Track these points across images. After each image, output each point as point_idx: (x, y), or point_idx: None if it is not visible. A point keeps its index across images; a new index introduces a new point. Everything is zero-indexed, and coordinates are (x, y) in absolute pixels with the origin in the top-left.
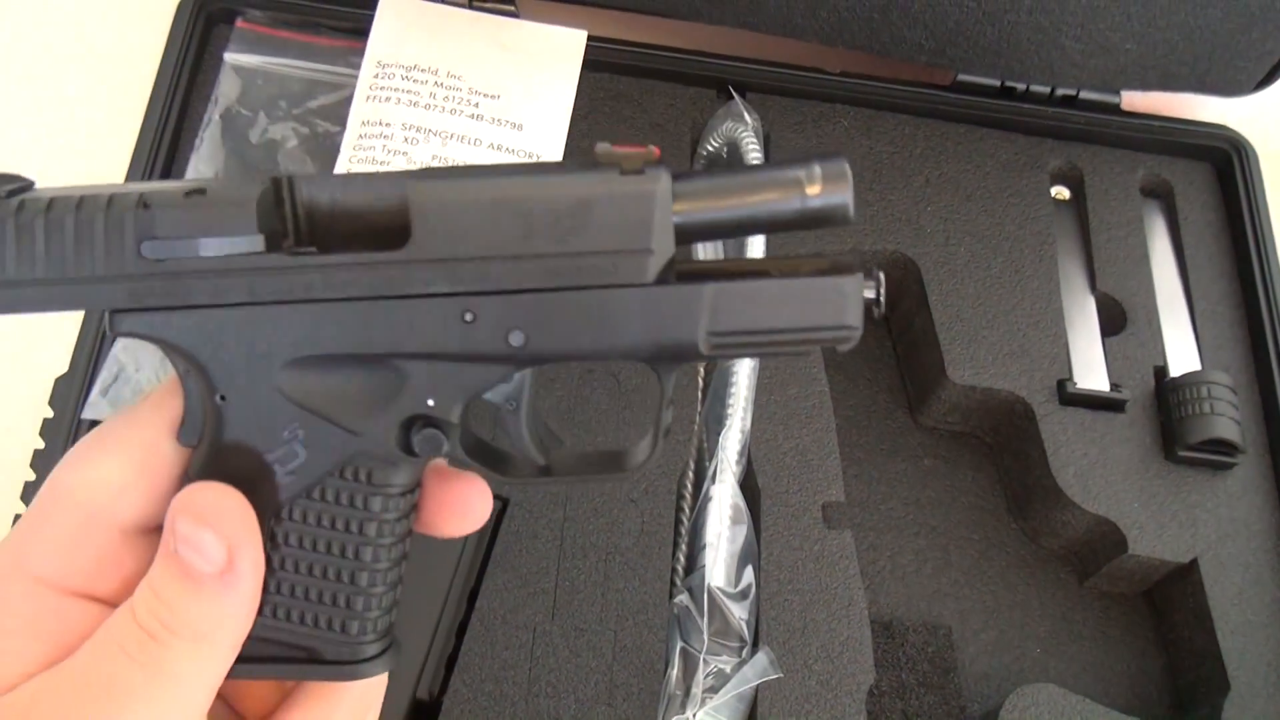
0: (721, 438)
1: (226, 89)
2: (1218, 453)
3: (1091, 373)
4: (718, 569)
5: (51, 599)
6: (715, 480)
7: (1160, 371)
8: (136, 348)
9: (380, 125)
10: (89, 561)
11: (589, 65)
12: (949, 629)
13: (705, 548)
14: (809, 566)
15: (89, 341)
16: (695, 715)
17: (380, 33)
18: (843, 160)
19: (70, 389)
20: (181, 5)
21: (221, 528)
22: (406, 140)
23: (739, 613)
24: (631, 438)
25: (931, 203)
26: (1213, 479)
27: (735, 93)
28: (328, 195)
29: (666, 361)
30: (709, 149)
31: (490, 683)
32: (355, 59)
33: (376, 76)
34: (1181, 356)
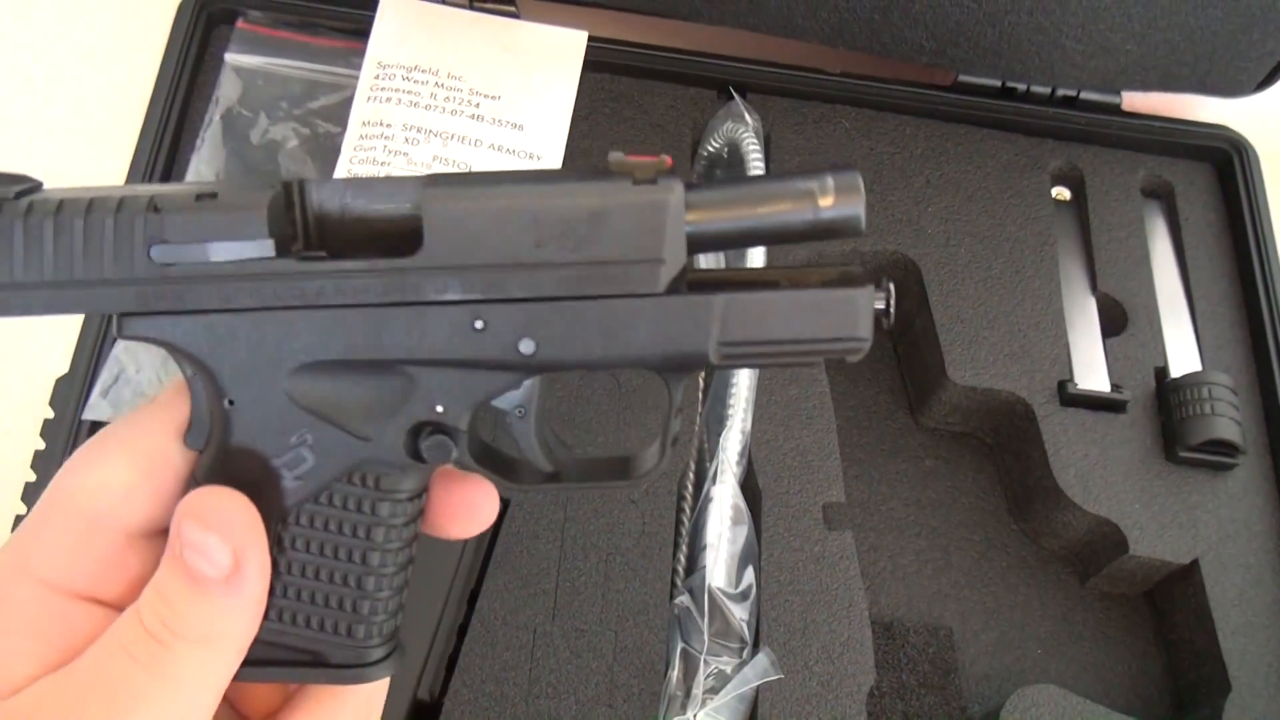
0: (722, 438)
1: (227, 90)
2: (1218, 453)
3: (1092, 373)
4: (718, 570)
5: (56, 602)
6: (716, 481)
7: (1161, 372)
8: (137, 349)
9: (381, 126)
10: (94, 565)
11: (589, 66)
12: (950, 630)
13: (706, 548)
14: (809, 567)
15: (89, 342)
16: (696, 716)
17: (381, 33)
18: (856, 172)
19: (71, 390)
20: (182, 6)
21: (228, 532)
22: (407, 141)
23: (739, 613)
24: (632, 439)
25: (932, 203)
26: (1213, 480)
27: (736, 93)
28: (338, 200)
29: (676, 370)
30: (709, 149)
31: (491, 683)
32: (356, 59)
33: (377, 77)
34: (1182, 357)
